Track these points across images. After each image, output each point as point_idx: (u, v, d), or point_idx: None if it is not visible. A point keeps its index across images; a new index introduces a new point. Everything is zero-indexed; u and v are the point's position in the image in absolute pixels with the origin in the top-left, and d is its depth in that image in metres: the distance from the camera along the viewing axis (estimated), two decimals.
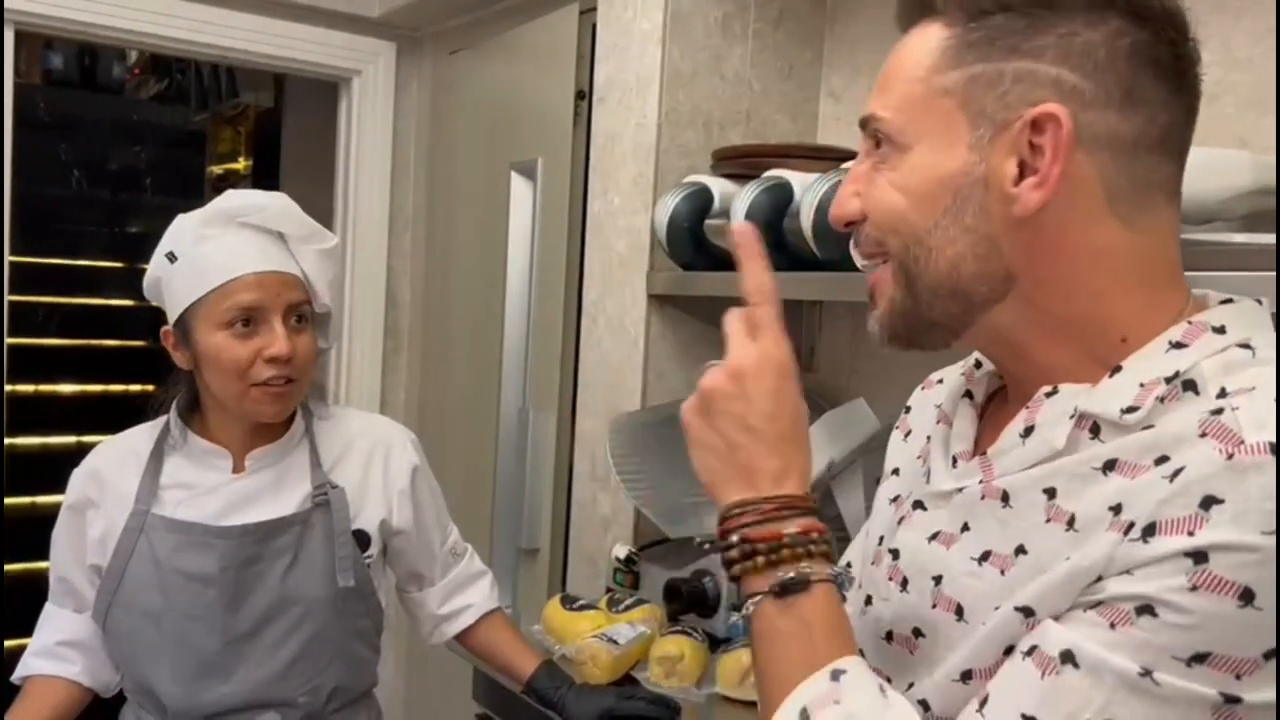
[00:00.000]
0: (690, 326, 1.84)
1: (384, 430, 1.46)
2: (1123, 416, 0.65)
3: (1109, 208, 0.68)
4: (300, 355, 1.30)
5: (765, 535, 0.68)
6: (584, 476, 1.93)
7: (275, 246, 1.31)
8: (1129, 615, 0.59)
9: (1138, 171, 0.68)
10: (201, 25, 2.44)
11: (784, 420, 0.72)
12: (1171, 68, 0.68)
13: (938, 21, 0.71)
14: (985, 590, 0.68)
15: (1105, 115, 0.66)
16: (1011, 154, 0.67)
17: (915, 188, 0.70)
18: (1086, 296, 0.69)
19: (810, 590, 0.67)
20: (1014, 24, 0.67)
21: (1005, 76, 0.67)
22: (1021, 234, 0.68)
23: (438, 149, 2.68)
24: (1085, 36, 0.66)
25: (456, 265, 2.59)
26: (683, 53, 1.76)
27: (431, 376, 2.71)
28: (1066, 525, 0.65)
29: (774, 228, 1.53)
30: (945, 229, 0.69)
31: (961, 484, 0.74)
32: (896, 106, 0.71)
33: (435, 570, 1.48)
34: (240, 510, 1.33)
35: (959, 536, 0.73)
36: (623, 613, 1.55)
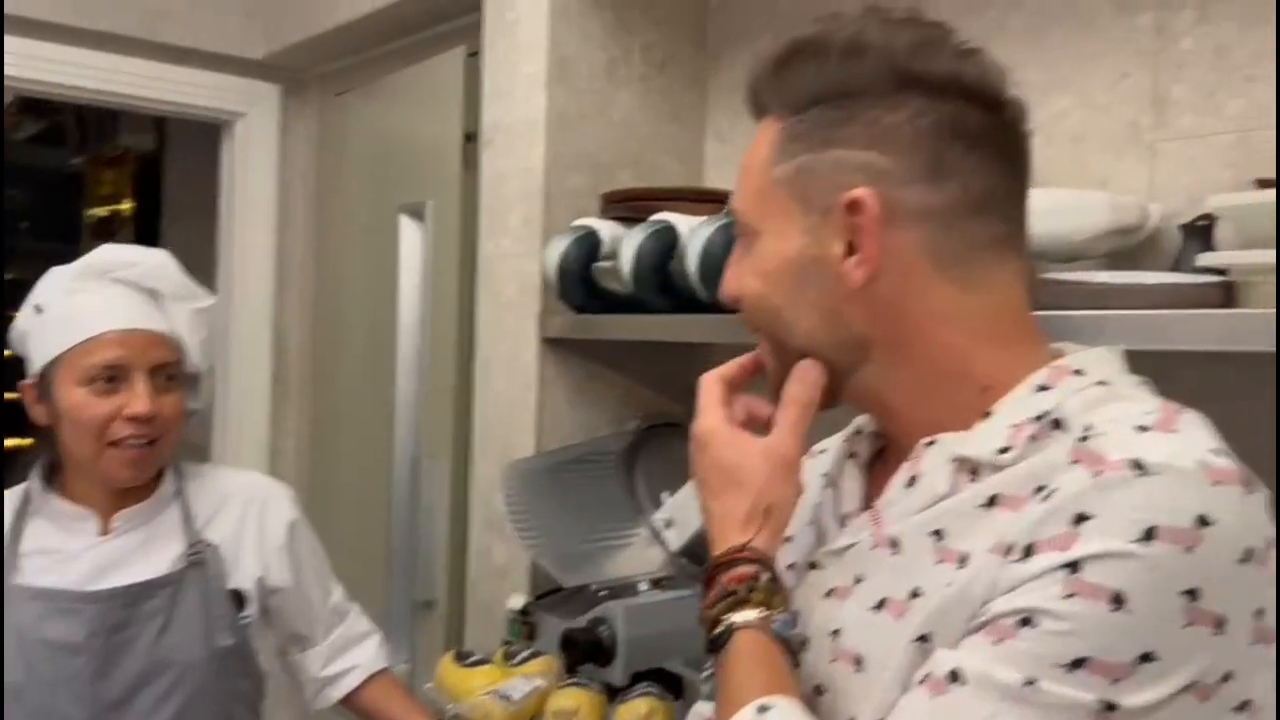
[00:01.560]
0: (584, 369, 1.83)
1: (259, 486, 1.43)
2: (998, 456, 0.69)
3: (939, 274, 0.72)
4: (163, 415, 1.27)
5: (707, 602, 0.73)
6: (479, 525, 1.89)
7: (147, 304, 1.28)
8: (1011, 629, 0.61)
9: (961, 237, 0.72)
10: (81, 70, 2.36)
11: (716, 481, 0.76)
12: (981, 136, 0.72)
13: (772, 116, 0.77)
14: (883, 637, 0.70)
15: (916, 191, 0.71)
16: (839, 235, 0.72)
17: (767, 271, 0.76)
18: (941, 354, 0.73)
19: (733, 638, 0.70)
20: (827, 115, 0.73)
21: (824, 165, 0.73)
22: (862, 306, 0.73)
23: (325, 191, 2.63)
24: (889, 120, 0.71)
25: (346, 310, 2.54)
26: (568, 96, 1.76)
27: (322, 425, 2.64)
28: (958, 564, 0.67)
29: (661, 270, 1.53)
30: (795, 306, 0.75)
31: (853, 539, 0.77)
32: (746, 198, 0.78)
33: (317, 630, 1.44)
34: (108, 574, 1.28)
35: (854, 589, 0.75)
36: (518, 666, 1.52)
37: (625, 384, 1.89)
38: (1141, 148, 1.31)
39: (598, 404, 1.86)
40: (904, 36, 0.72)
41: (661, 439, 1.86)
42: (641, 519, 1.74)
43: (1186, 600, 0.59)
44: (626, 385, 1.89)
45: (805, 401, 0.75)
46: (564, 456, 1.77)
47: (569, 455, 1.77)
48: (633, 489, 1.79)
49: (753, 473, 0.75)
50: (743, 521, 0.74)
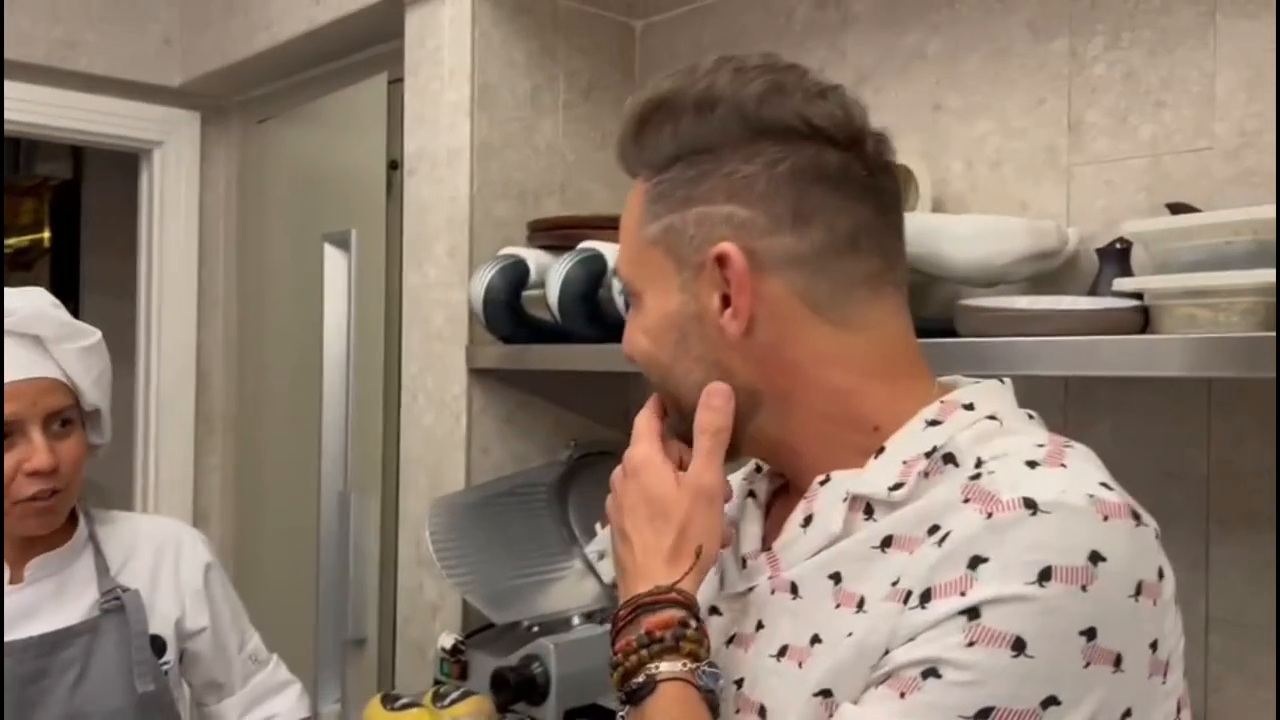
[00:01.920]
0: (513, 399, 1.80)
1: (172, 530, 1.40)
2: (890, 494, 0.68)
3: (816, 316, 0.72)
4: (65, 463, 1.23)
5: (620, 647, 0.70)
6: (409, 562, 1.85)
7: (31, 351, 1.23)
8: (916, 681, 0.60)
9: (833, 278, 0.72)
10: None
11: (643, 512, 0.73)
12: (842, 175, 0.71)
13: (640, 178, 0.77)
14: (786, 685, 0.68)
15: (780, 238, 0.71)
16: (714, 289, 0.72)
17: (652, 328, 0.76)
18: (828, 397, 0.73)
19: (656, 690, 0.67)
20: (686, 173, 0.73)
21: (689, 222, 0.73)
22: (745, 355, 0.73)
23: (248, 220, 2.57)
24: (745, 171, 0.71)
25: (271, 341, 2.48)
26: (492, 124, 1.74)
27: (248, 460, 2.57)
28: (856, 608, 0.66)
29: (589, 299, 1.52)
30: (681, 360, 0.75)
31: (752, 582, 0.75)
32: (625, 260, 0.79)
33: (234, 678, 1.40)
34: (20, 624, 1.24)
35: (755, 636, 0.73)
36: (448, 707, 1.48)
37: (556, 413, 1.87)
38: (1059, 171, 1.33)
39: (529, 434, 1.83)
40: (753, 86, 0.71)
41: (594, 468, 1.84)
42: (574, 551, 1.71)
43: (1085, 640, 0.59)
44: (558, 414, 1.87)
45: (717, 427, 0.73)
46: (493, 490, 1.73)
47: (499, 488, 1.74)
48: (565, 520, 1.76)
49: (677, 506, 0.72)
50: (668, 558, 0.71)
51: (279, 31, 2.13)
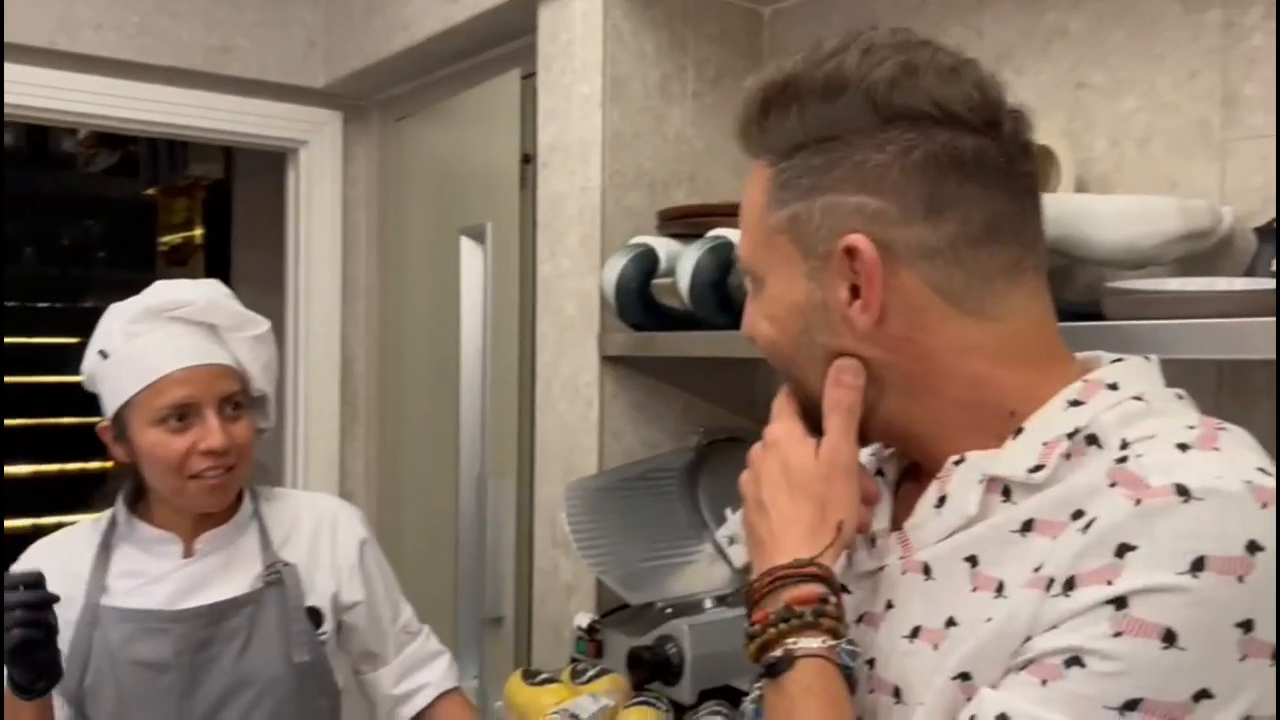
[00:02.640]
0: (643, 386, 1.83)
1: (329, 507, 1.47)
2: (1030, 475, 0.66)
3: (952, 308, 0.69)
4: (236, 444, 1.30)
5: (757, 619, 0.69)
6: (544, 543, 1.90)
7: (206, 339, 1.31)
8: (1058, 669, 0.59)
9: (969, 269, 0.69)
10: (147, 104, 2.42)
11: (781, 484, 0.73)
12: (978, 161, 0.69)
13: (762, 161, 0.75)
14: (920, 667, 0.68)
15: (912, 230, 0.69)
16: (842, 280, 0.71)
17: (776, 316, 0.75)
18: (963, 385, 0.71)
19: (795, 666, 0.66)
20: (813, 160, 0.71)
21: (815, 212, 0.71)
22: (875, 345, 0.71)
23: (387, 215, 2.67)
24: (876, 160, 0.69)
25: (410, 331, 2.57)
26: (623, 115, 1.77)
27: (389, 445, 2.68)
28: (995, 592, 0.65)
29: (719, 286, 1.53)
30: (805, 348, 0.74)
31: (882, 561, 0.75)
32: (747, 245, 0.77)
33: (388, 648, 1.46)
34: (192, 594, 1.32)
35: (885, 615, 0.73)
36: (586, 684, 1.52)
37: (686, 400, 1.89)
38: (1212, 148, 1.27)
39: (659, 420, 1.86)
40: (884, 69, 0.68)
41: (723, 454, 1.86)
42: (705, 535, 1.73)
43: (1241, 633, 0.57)
44: (687, 401, 1.89)
45: (848, 405, 0.72)
46: (626, 474, 1.77)
47: (631, 472, 1.77)
48: (696, 505, 1.78)
49: (817, 479, 0.72)
50: (808, 532, 0.71)
51: (416, 31, 2.21)
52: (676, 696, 1.49)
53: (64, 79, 2.32)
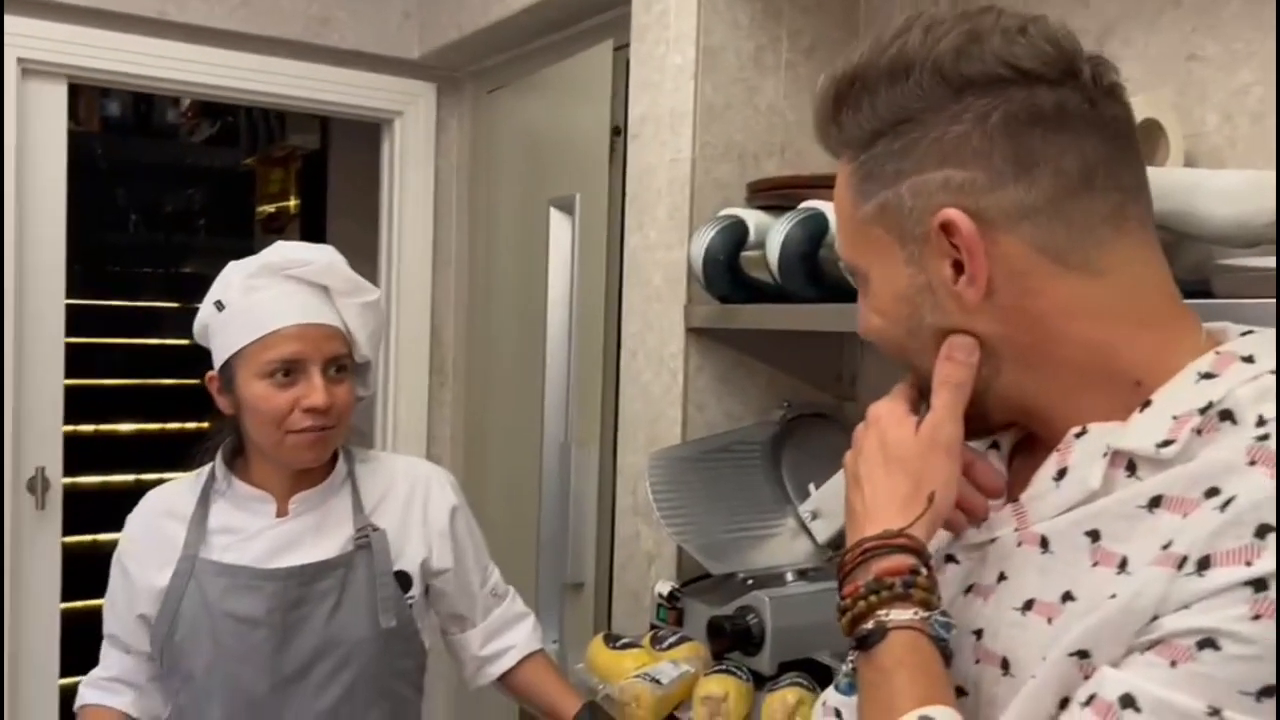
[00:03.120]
0: (728, 358, 1.83)
1: (423, 472, 1.48)
2: (1159, 451, 0.64)
3: (1057, 266, 0.68)
4: (337, 405, 1.33)
5: (848, 591, 0.69)
6: (626, 511, 1.92)
7: (319, 300, 1.33)
8: (1190, 651, 0.57)
9: (1069, 222, 0.68)
10: (249, 73, 2.50)
11: (878, 458, 0.73)
12: (1060, 112, 0.67)
13: (843, 159, 0.75)
14: (1032, 640, 0.67)
15: (1005, 192, 0.67)
16: (943, 258, 0.70)
17: (884, 308, 0.75)
18: (1081, 351, 0.69)
19: (887, 638, 0.66)
20: (891, 146, 0.70)
21: (904, 196, 0.70)
22: (987, 319, 0.70)
23: (478, 186, 2.71)
24: (954, 131, 0.68)
25: (498, 301, 2.61)
26: (715, 86, 1.76)
27: (476, 412, 2.73)
28: (1118, 568, 0.63)
29: (809, 259, 1.52)
30: (916, 335, 0.74)
31: (995, 533, 0.73)
32: (846, 243, 0.77)
33: (476, 612, 1.49)
34: (284, 553, 1.35)
35: (996, 587, 0.71)
36: (666, 650, 1.54)
37: (770, 374, 1.88)
38: None
39: (743, 393, 1.86)
40: (947, 41, 0.67)
41: (808, 429, 1.85)
42: (788, 509, 1.73)
43: None
44: (771, 375, 1.88)
45: (957, 381, 0.71)
46: (709, 445, 1.77)
47: (714, 444, 1.77)
48: (779, 479, 1.78)
49: (913, 453, 0.72)
50: (902, 504, 0.70)
51: (510, 3, 2.22)
52: (756, 667, 1.50)
53: (171, 48, 2.40)
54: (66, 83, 2.37)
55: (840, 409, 1.92)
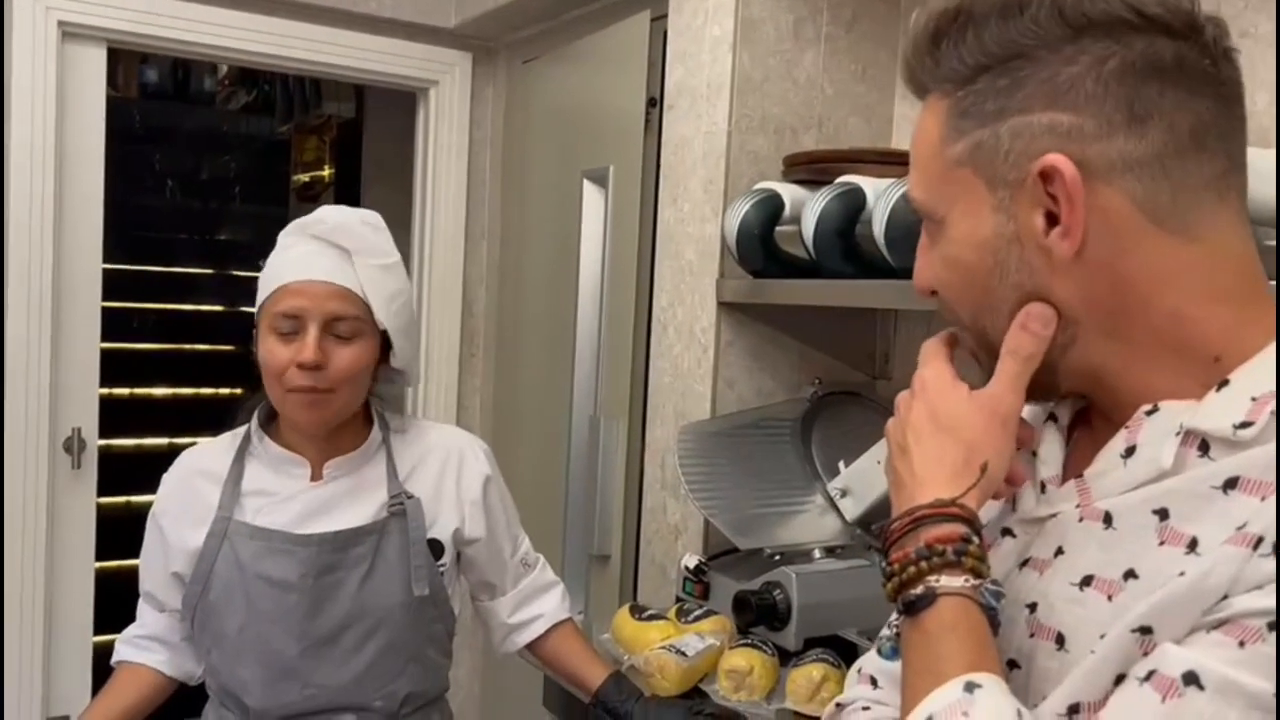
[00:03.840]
0: (760, 334, 1.82)
1: (458, 441, 1.48)
2: (1236, 433, 0.62)
3: (1154, 227, 0.65)
4: (335, 365, 1.29)
5: (896, 558, 0.68)
6: (654, 484, 1.92)
7: (337, 259, 1.32)
8: (1259, 632, 0.56)
9: (1174, 182, 0.65)
10: (286, 40, 2.50)
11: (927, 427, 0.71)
12: (1178, 66, 0.64)
13: (935, 95, 0.71)
14: (1090, 617, 0.65)
15: (1114, 143, 0.64)
16: (1035, 208, 0.67)
17: (960, 257, 0.71)
18: (1163, 322, 0.66)
19: (936, 604, 0.65)
20: (996, 83, 0.67)
21: (1003, 137, 0.67)
22: (1073, 279, 0.67)
23: (512, 157, 2.71)
24: (1067, 73, 0.65)
25: (530, 272, 2.61)
26: (753, 58, 1.75)
27: (506, 383, 2.74)
28: (1187, 548, 0.62)
29: (845, 235, 1.51)
30: (995, 290, 0.70)
31: (1055, 509, 0.71)
32: (924, 185, 0.73)
33: (506, 580, 1.49)
34: (318, 518, 1.35)
35: (1053, 561, 0.70)
36: (692, 623, 1.54)
37: (802, 350, 1.87)
38: None
39: (773, 370, 1.85)
40: None
41: (839, 407, 1.84)
42: (816, 486, 1.73)
43: None
44: (803, 352, 1.87)
45: (1028, 353, 0.68)
46: (739, 420, 1.77)
47: (744, 419, 1.77)
48: (808, 456, 1.77)
49: (966, 422, 0.69)
50: (954, 473, 0.68)
51: None
52: (781, 642, 1.50)
53: (209, 13, 2.40)
54: (106, 46, 2.38)
55: (872, 388, 1.91)
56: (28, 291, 2.28)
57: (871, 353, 1.92)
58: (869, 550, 1.63)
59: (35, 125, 2.27)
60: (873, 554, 1.63)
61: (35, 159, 2.27)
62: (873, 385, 1.92)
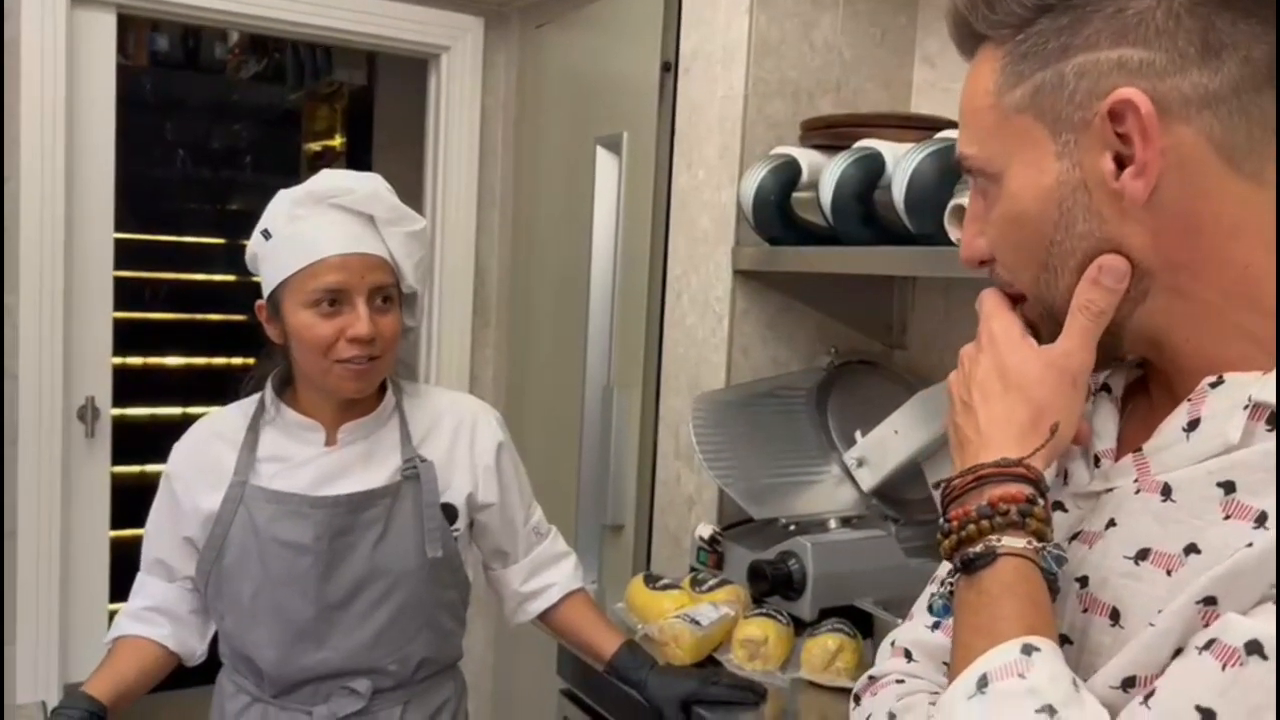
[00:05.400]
0: (775, 303, 1.81)
1: (470, 407, 1.48)
2: None
3: (1232, 168, 0.62)
4: (383, 335, 1.32)
5: (956, 515, 0.66)
6: (668, 454, 1.91)
7: (364, 228, 1.32)
8: None
9: (1252, 118, 0.62)
10: (296, 5, 2.47)
11: (995, 385, 0.69)
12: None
13: (989, 44, 0.68)
14: (1147, 592, 0.63)
15: (1188, 76, 0.61)
16: (1103, 150, 0.63)
17: (1021, 213, 0.68)
18: (1234, 275, 0.63)
19: (996, 563, 0.63)
20: (1059, 22, 0.64)
21: (1067, 77, 0.64)
22: (1143, 226, 0.64)
23: (524, 124, 2.68)
24: (1136, 6, 0.62)
25: (542, 241, 2.59)
26: (770, 21, 1.71)
27: (518, 353, 2.73)
28: (1255, 522, 0.59)
29: (864, 200, 1.48)
30: (1061, 244, 0.66)
31: (1112, 484, 0.69)
32: (978, 140, 0.69)
33: (519, 547, 1.49)
34: (332, 482, 1.36)
35: (1104, 534, 0.67)
36: (706, 593, 1.54)
37: (818, 320, 1.85)
38: None
39: (789, 339, 1.83)
40: None
41: (855, 377, 1.83)
42: (833, 456, 1.72)
43: None
44: (819, 321, 1.85)
45: (1100, 309, 0.65)
46: (754, 390, 1.76)
47: (759, 389, 1.76)
48: (824, 425, 1.76)
49: (1038, 381, 0.67)
50: (1022, 432, 0.66)
51: None
52: (796, 612, 1.49)
53: None
54: (115, 12, 2.36)
55: (889, 357, 1.89)
56: (40, 261, 2.27)
57: (888, 322, 1.90)
58: (885, 520, 1.62)
59: (45, 93, 2.25)
60: (889, 524, 1.62)
61: (45, 128, 2.26)
62: (889, 355, 1.90)
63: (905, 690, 0.75)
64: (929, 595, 0.76)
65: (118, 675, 1.34)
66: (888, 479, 1.60)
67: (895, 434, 1.55)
